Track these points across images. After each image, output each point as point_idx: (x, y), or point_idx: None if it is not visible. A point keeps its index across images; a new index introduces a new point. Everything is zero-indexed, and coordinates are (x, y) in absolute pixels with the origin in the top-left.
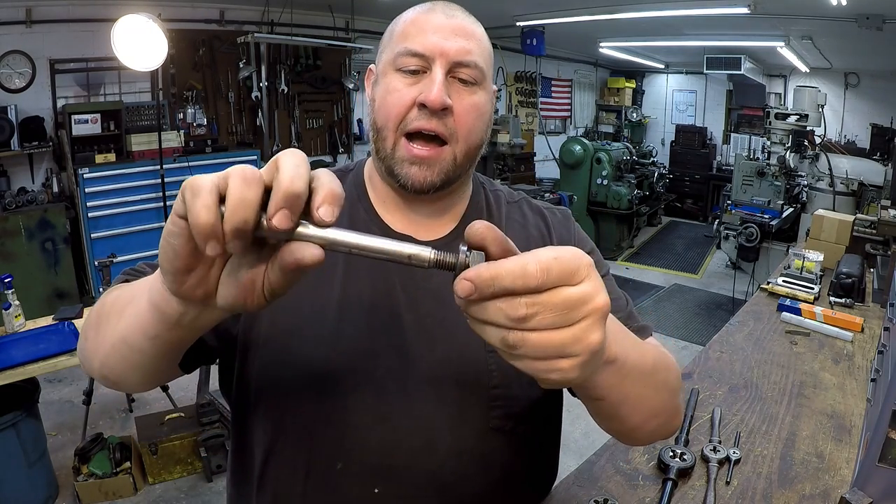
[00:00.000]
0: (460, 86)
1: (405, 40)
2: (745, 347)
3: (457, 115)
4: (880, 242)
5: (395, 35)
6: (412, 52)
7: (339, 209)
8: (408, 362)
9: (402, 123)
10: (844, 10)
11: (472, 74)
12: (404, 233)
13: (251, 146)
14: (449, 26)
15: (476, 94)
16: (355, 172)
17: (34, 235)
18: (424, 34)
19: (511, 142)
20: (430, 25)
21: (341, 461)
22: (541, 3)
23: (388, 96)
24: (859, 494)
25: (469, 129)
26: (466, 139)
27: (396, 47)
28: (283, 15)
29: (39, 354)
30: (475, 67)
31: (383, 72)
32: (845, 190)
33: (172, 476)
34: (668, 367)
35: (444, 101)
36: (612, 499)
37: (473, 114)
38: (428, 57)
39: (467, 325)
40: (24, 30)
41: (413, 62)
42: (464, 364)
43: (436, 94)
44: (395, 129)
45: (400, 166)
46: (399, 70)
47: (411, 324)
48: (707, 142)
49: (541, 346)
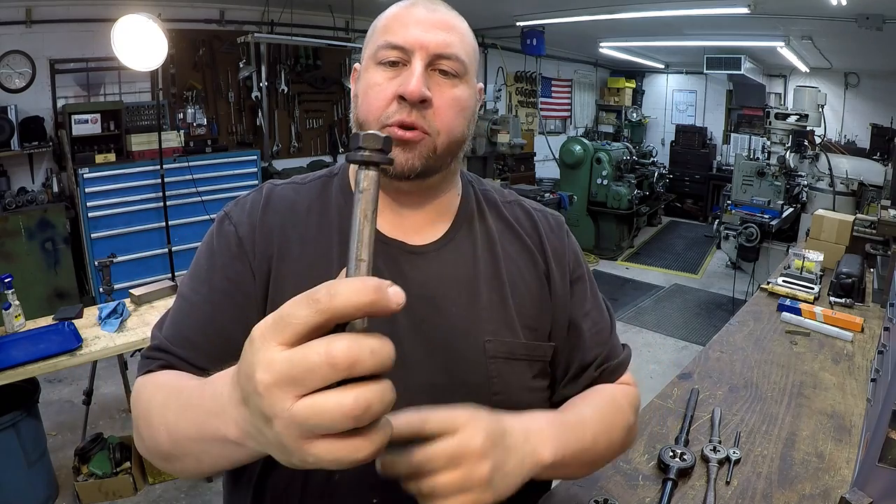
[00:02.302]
0: (441, 78)
1: (386, 34)
2: (745, 347)
3: (437, 108)
4: (880, 242)
5: (377, 30)
6: (392, 45)
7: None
8: (405, 369)
9: (384, 116)
10: (844, 10)
11: (454, 67)
12: (396, 238)
13: (251, 146)
14: (430, 20)
15: (457, 87)
16: (340, 177)
17: (34, 235)
18: (405, 27)
19: (511, 142)
20: (411, 18)
21: (338, 472)
22: (541, 3)
23: (369, 91)
24: (859, 494)
25: (450, 122)
26: (448, 132)
27: (378, 41)
28: (283, 15)
29: (39, 354)
30: (456, 60)
31: (365, 67)
32: (845, 190)
33: (172, 476)
34: (616, 412)
35: (422, 92)
36: (612, 499)
37: (454, 107)
38: (408, 49)
39: (465, 330)
40: (24, 30)
41: (393, 54)
42: (464, 371)
43: (414, 86)
44: (377, 121)
45: None
46: (380, 63)
47: (408, 331)
48: (707, 142)
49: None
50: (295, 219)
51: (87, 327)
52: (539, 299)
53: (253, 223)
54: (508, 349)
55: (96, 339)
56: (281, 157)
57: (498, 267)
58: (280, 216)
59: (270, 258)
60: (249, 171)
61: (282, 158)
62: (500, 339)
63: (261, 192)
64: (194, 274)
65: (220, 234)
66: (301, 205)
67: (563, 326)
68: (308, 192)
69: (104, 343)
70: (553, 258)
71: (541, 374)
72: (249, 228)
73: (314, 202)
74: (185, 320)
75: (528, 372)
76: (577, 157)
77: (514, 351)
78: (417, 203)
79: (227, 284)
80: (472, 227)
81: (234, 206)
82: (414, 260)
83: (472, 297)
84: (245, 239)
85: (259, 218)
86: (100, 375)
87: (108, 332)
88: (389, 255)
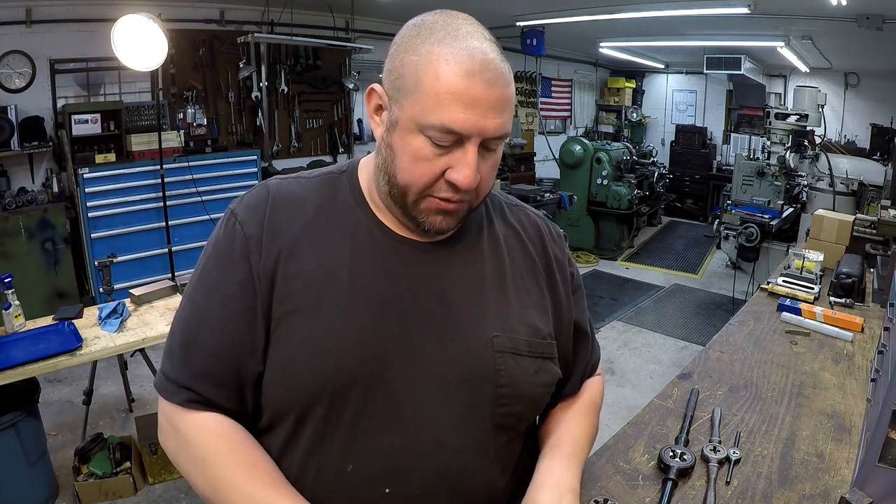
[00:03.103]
0: (486, 151)
1: (439, 109)
2: (745, 347)
3: (480, 181)
4: (880, 242)
5: (426, 89)
6: (449, 131)
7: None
8: (416, 364)
9: (429, 190)
10: (844, 10)
11: (501, 139)
12: (404, 235)
13: (251, 146)
14: (490, 100)
15: (497, 151)
16: (349, 174)
17: (34, 235)
18: (463, 109)
19: (511, 142)
20: (469, 98)
21: (352, 463)
22: (541, 3)
23: (416, 162)
24: (859, 494)
25: (487, 187)
26: (484, 194)
27: (428, 114)
28: (283, 15)
29: (39, 354)
30: (506, 136)
31: (407, 126)
32: (845, 190)
33: (172, 476)
34: (594, 412)
35: (475, 183)
36: (612, 499)
37: (493, 171)
38: (465, 136)
39: (473, 326)
40: (24, 30)
41: (448, 139)
42: (472, 364)
43: (470, 180)
44: (420, 193)
45: (424, 216)
46: (430, 139)
47: (419, 325)
48: (707, 142)
49: None
50: (303, 218)
51: (87, 327)
52: (541, 301)
53: (261, 222)
54: (514, 345)
55: (96, 339)
56: (281, 157)
57: (503, 268)
58: (287, 215)
59: (278, 257)
60: (249, 171)
61: (282, 158)
62: (506, 334)
63: (265, 189)
64: (204, 279)
65: (226, 233)
66: (309, 203)
67: (567, 328)
68: (315, 191)
69: (104, 343)
70: (556, 265)
71: (543, 370)
72: (257, 227)
73: (323, 202)
74: (200, 333)
75: (531, 367)
76: (577, 157)
77: (518, 347)
78: None
79: (237, 289)
80: (480, 229)
81: (240, 204)
82: (425, 257)
83: (480, 294)
84: (252, 238)
85: (266, 216)
86: (100, 375)
87: (108, 332)
88: (401, 253)
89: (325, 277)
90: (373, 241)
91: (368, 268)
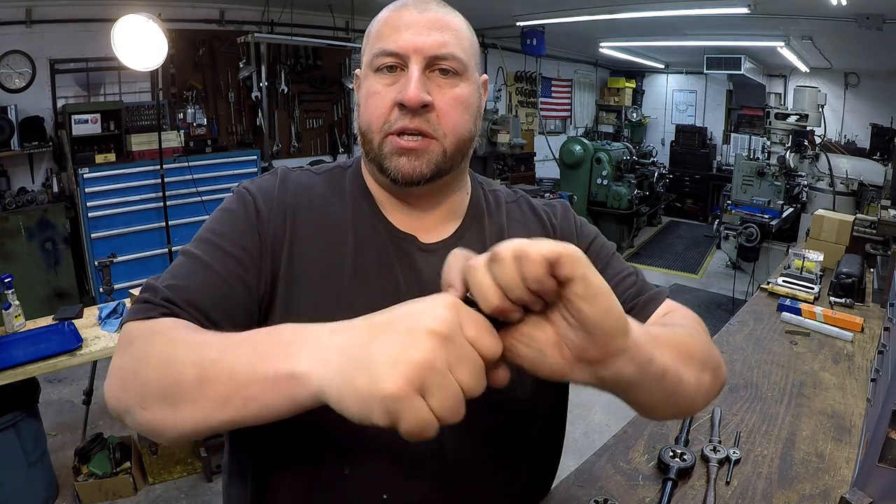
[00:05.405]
0: (441, 78)
1: (379, 40)
2: (745, 347)
3: (439, 110)
4: (880, 242)
5: (371, 36)
6: (386, 52)
7: None
8: None
9: (386, 125)
10: (844, 10)
11: (452, 65)
12: (408, 232)
13: (251, 146)
14: (422, 21)
15: (458, 86)
16: (353, 169)
17: (34, 235)
18: (398, 32)
19: (511, 142)
20: (402, 22)
21: (349, 467)
22: (541, 3)
23: (369, 99)
24: (859, 494)
25: (455, 123)
26: (454, 133)
27: (373, 48)
28: (283, 15)
29: (39, 354)
30: (454, 58)
31: (364, 75)
32: (845, 190)
33: (172, 476)
34: (693, 337)
35: (421, 98)
36: (612, 499)
37: (458, 107)
38: (403, 55)
39: None
40: (24, 30)
41: (388, 61)
42: None
43: (412, 93)
44: (380, 130)
45: (388, 160)
46: (377, 71)
47: None
48: (707, 142)
49: None
50: (310, 202)
51: (87, 327)
52: None
53: (271, 199)
54: None
55: (96, 339)
56: (281, 157)
57: None
58: (296, 197)
59: (283, 237)
60: (249, 171)
61: (282, 158)
62: None
63: (276, 174)
64: (206, 237)
65: (239, 202)
66: (316, 190)
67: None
68: (322, 181)
69: (104, 343)
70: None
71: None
72: (267, 204)
73: (329, 191)
74: (193, 279)
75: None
76: (577, 157)
77: None
78: (429, 205)
79: (241, 252)
80: (481, 225)
81: (251, 183)
82: (426, 257)
83: None
84: (263, 212)
85: (276, 195)
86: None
87: (108, 332)
88: (403, 250)
89: (325, 265)
90: (375, 234)
91: (371, 267)
